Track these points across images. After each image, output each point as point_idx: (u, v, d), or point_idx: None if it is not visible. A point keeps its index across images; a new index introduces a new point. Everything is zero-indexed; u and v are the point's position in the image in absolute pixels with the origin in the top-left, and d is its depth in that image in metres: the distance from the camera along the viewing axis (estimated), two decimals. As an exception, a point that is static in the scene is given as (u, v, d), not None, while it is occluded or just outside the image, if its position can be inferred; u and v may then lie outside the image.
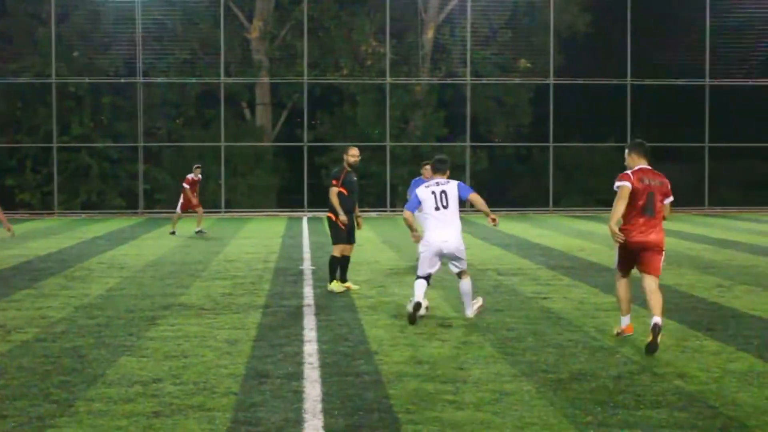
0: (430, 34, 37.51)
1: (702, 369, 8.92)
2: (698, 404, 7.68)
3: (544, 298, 13.53)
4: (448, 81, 37.22)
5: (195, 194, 25.30)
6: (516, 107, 38.17)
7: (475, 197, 11.67)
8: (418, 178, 17.20)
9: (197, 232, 24.76)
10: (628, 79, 35.82)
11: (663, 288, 10.62)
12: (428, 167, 15.65)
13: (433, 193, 11.45)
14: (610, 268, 13.70)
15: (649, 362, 9.20)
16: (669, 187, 10.13)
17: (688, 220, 30.45)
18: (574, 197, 35.44)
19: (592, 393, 8.01)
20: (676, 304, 12.96)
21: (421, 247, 11.77)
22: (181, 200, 25.50)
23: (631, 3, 35.44)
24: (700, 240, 23.08)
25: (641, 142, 10.38)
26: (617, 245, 10.06)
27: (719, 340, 10.35)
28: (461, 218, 11.66)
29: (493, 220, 11.76)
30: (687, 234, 24.91)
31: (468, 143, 36.10)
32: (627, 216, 9.96)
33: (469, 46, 35.98)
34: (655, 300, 9.96)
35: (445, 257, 11.61)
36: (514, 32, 37.28)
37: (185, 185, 25.36)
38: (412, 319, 11.28)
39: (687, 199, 36.26)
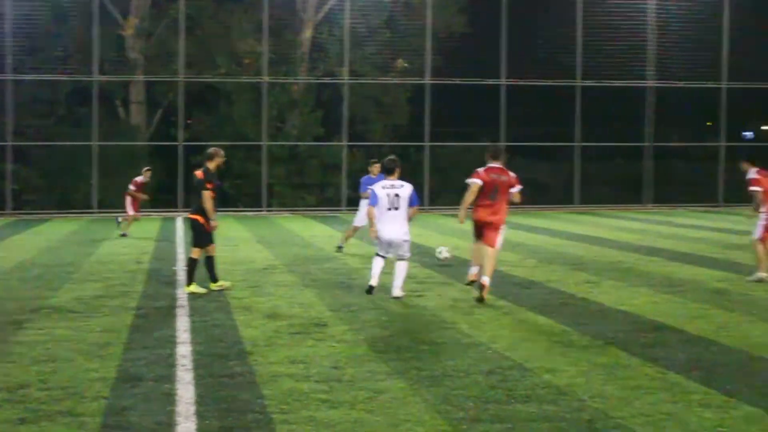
0: (308, 33, 37.42)
1: (571, 363, 9.15)
2: (567, 397, 7.88)
3: (419, 296, 13.66)
4: (326, 80, 37.21)
5: (139, 197, 24.98)
6: (393, 107, 38.38)
7: (412, 210, 13.50)
8: (366, 177, 18.94)
9: (122, 235, 24.13)
10: (503, 79, 36.44)
11: (534, 284, 10.95)
12: (376, 166, 18.22)
13: (388, 195, 13.28)
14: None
15: (520, 357, 9.39)
16: (514, 180, 13.13)
17: (559, 218, 31.16)
18: (450, 196, 35.79)
19: (465, 389, 8.14)
20: (546, 300, 13.27)
21: (376, 238, 13.48)
22: (129, 201, 24.91)
23: (506, 4, 36.06)
24: (570, 237, 23.64)
25: (495, 146, 13.98)
26: (473, 224, 13.34)
27: (587, 334, 10.64)
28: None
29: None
30: (557, 231, 25.50)
31: (345, 143, 36.17)
32: (479, 201, 13.07)
33: (347, 46, 36.03)
34: (489, 264, 12.99)
35: (392, 247, 13.33)
36: (392, 32, 37.46)
37: (132, 187, 24.90)
38: (369, 291, 13.41)
39: (558, 197, 37.19)
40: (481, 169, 13.17)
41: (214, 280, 14.33)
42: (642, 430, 6.97)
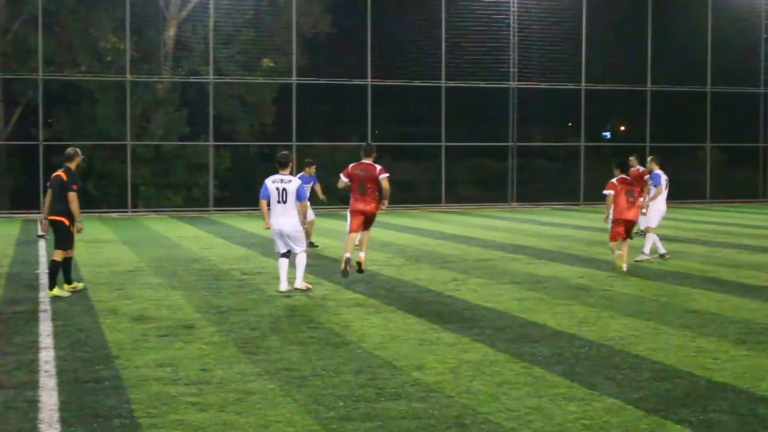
0: (172, 31, 36.83)
1: (439, 360, 9.27)
2: (435, 394, 7.98)
3: (287, 296, 13.62)
4: (191, 79, 36.71)
5: None
6: (260, 106, 38.16)
7: (302, 204, 13.97)
8: (301, 174, 19.55)
9: None
10: (369, 79, 36.64)
11: (402, 283, 11.13)
12: (313, 167, 20.10)
13: (277, 189, 13.87)
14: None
15: (389, 356, 9.47)
16: (376, 173, 14.11)
17: (426, 217, 31.53)
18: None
19: (335, 388, 8.16)
20: (414, 298, 13.42)
21: (267, 229, 14.19)
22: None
23: (371, 5, 36.26)
24: (437, 236, 23.95)
25: (368, 144, 14.73)
26: (349, 214, 14.59)
27: (455, 331, 10.80)
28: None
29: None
30: (424, 230, 25.80)
31: (211, 142, 35.77)
32: (353, 195, 14.31)
33: (211, 45, 35.64)
34: (365, 242, 14.69)
35: (283, 238, 13.86)
36: (257, 31, 37.23)
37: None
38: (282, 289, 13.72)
39: (425, 196, 37.65)
40: (349, 166, 14.52)
41: (69, 282, 14.02)
42: (508, 425, 7.11)
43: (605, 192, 16.69)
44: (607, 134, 43.65)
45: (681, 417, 7.27)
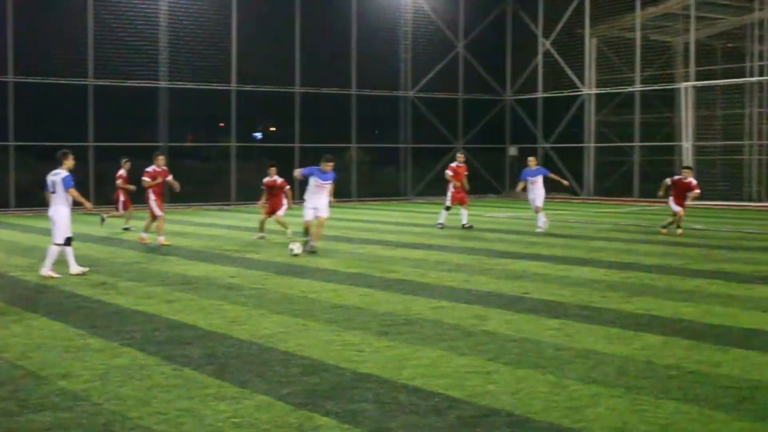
0: None
1: (86, 368, 9.00)
2: (83, 403, 7.73)
3: None
4: None
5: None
6: None
7: (72, 191, 15.84)
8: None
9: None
10: (10, 76, 34.79)
11: (47, 288, 10.50)
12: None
13: (52, 181, 15.77)
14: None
15: (33, 365, 9.06)
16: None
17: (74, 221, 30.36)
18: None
19: (-28, 403, 7.70)
20: (61, 304, 12.93)
21: None
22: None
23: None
24: (86, 239, 23.18)
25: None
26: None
27: (103, 337, 10.52)
28: None
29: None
30: (76, 234, 24.82)
31: None
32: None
33: None
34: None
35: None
36: None
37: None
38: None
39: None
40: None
41: None
42: (159, 428, 7.03)
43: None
44: (258, 135, 44.25)
45: (328, 409, 7.53)
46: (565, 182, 28.46)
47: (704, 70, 41.07)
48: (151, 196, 21.59)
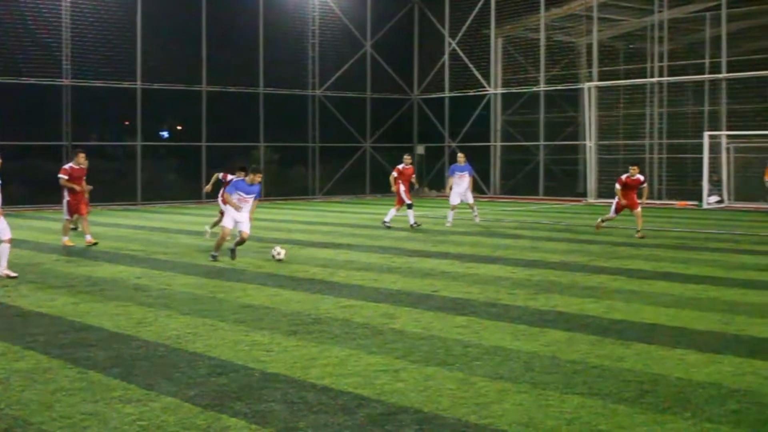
0: None
1: (-13, 372, 8.79)
2: (-20, 408, 7.56)
3: None
4: None
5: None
6: None
7: None
8: (240, 180, 18.81)
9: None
10: None
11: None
12: (241, 173, 19.41)
13: None
14: None
15: (-69, 371, 8.83)
16: None
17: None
18: None
19: None
20: (-39, 307, 12.60)
21: None
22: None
23: None
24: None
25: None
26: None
27: (5, 340, 10.28)
28: None
29: None
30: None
31: None
32: None
33: None
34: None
35: None
36: None
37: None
38: None
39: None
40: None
41: None
42: (63, 433, 6.92)
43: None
44: (165, 133, 43.69)
45: (236, 410, 7.48)
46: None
47: (607, 71, 41.99)
48: (66, 196, 21.23)
